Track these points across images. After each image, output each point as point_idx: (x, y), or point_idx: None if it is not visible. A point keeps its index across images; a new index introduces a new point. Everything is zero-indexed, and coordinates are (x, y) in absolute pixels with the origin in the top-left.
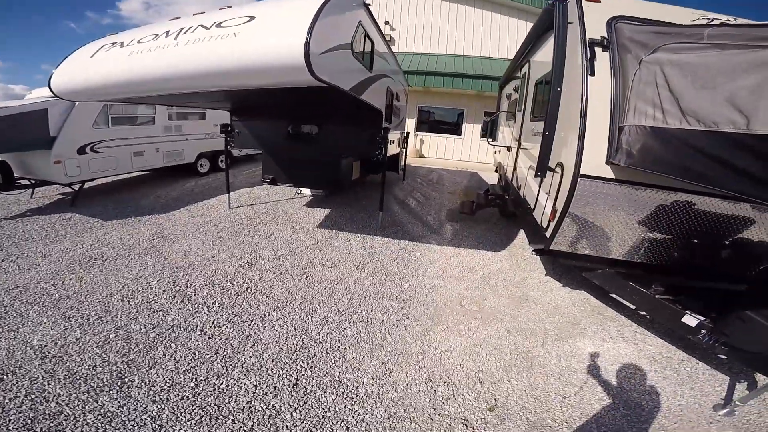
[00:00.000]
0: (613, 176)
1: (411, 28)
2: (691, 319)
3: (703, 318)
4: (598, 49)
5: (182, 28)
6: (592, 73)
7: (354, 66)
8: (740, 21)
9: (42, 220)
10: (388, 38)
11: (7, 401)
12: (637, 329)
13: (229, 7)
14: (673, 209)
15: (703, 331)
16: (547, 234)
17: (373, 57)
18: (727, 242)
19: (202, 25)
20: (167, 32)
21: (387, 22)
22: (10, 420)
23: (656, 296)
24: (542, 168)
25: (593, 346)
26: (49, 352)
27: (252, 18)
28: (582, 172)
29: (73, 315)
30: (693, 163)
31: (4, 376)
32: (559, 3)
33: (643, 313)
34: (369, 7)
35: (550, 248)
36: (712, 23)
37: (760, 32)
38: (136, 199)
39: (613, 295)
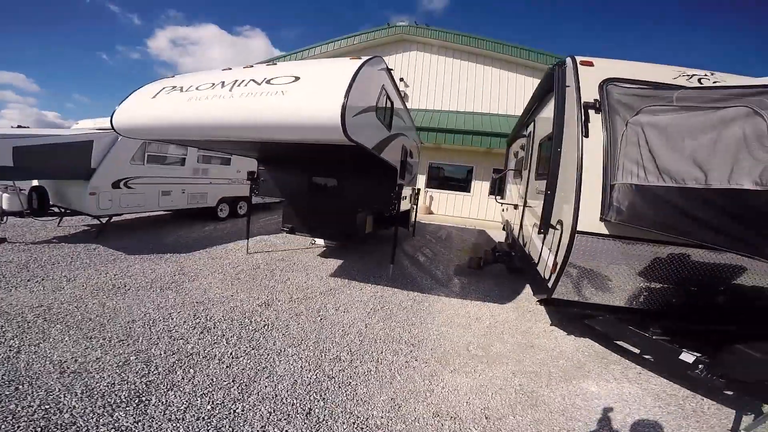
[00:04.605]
0: (607, 232)
1: (423, 86)
2: (688, 356)
3: (699, 354)
4: (591, 112)
5: (236, 81)
6: (587, 135)
7: (377, 126)
8: (716, 75)
9: (67, 248)
10: (402, 95)
11: (19, 409)
12: (641, 371)
13: (275, 63)
14: (667, 261)
15: (700, 366)
16: (549, 285)
17: (392, 117)
18: (719, 288)
19: (253, 80)
20: (223, 83)
21: (402, 79)
22: (19, 427)
23: (654, 337)
24: (545, 225)
25: (597, 387)
26: (68, 368)
27: (297, 78)
28: (579, 228)
29: (94, 336)
30: (668, 217)
31: (20, 386)
32: (557, 67)
33: (647, 357)
34: (391, 72)
35: (552, 297)
36: (687, 84)
37: (715, 94)
38: (157, 237)
39: (617, 342)
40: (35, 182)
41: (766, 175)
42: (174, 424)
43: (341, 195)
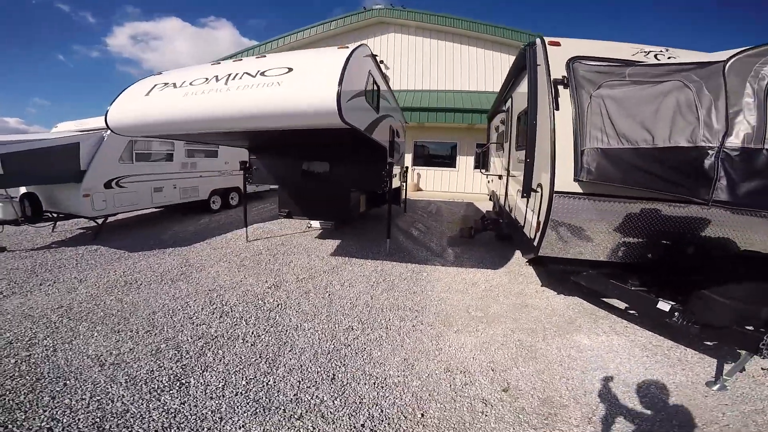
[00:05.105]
0: (580, 191)
1: (404, 67)
2: (664, 305)
3: (673, 303)
4: (560, 87)
5: (230, 74)
6: (557, 108)
7: (367, 109)
8: (671, 51)
9: (69, 251)
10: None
11: (74, 402)
12: (627, 324)
13: (264, 56)
14: (638, 216)
15: (676, 313)
16: (535, 243)
17: (379, 100)
18: (687, 239)
19: (247, 73)
20: (216, 77)
21: (382, 61)
22: (79, 419)
23: (633, 289)
24: (527, 190)
25: (589, 339)
26: (106, 361)
27: (290, 69)
28: (556, 189)
29: (121, 329)
30: (627, 173)
31: (68, 381)
32: (529, 48)
33: (631, 312)
34: (376, 57)
35: (539, 254)
36: (644, 59)
37: (658, 70)
38: (154, 234)
39: (604, 299)
40: (23, 189)
41: (695, 134)
42: (216, 402)
43: (334, 177)
